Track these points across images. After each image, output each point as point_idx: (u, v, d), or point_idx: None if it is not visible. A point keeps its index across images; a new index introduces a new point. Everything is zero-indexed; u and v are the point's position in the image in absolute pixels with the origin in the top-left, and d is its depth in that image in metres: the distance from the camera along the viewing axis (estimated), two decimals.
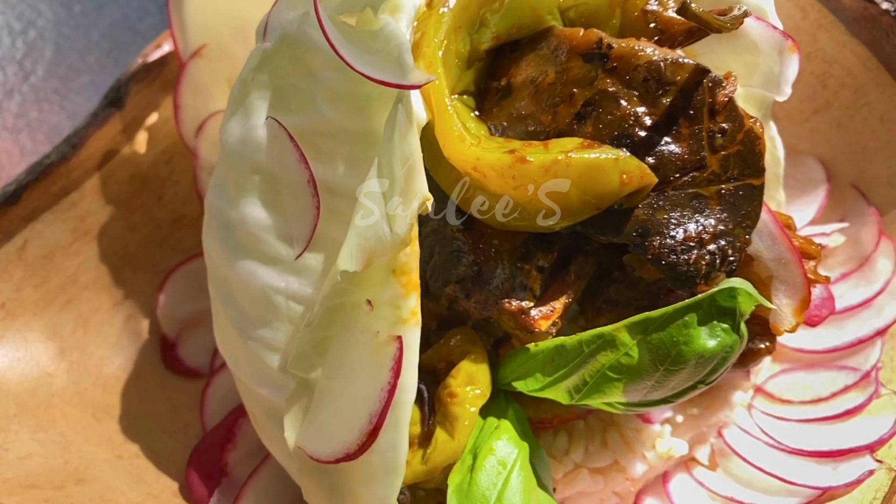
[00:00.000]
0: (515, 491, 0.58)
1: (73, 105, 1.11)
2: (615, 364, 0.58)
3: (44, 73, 1.10)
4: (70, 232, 0.84)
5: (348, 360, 0.59)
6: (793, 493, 0.73)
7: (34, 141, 1.08)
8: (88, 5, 1.17)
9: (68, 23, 1.16)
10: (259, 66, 0.64)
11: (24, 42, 1.10)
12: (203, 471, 0.72)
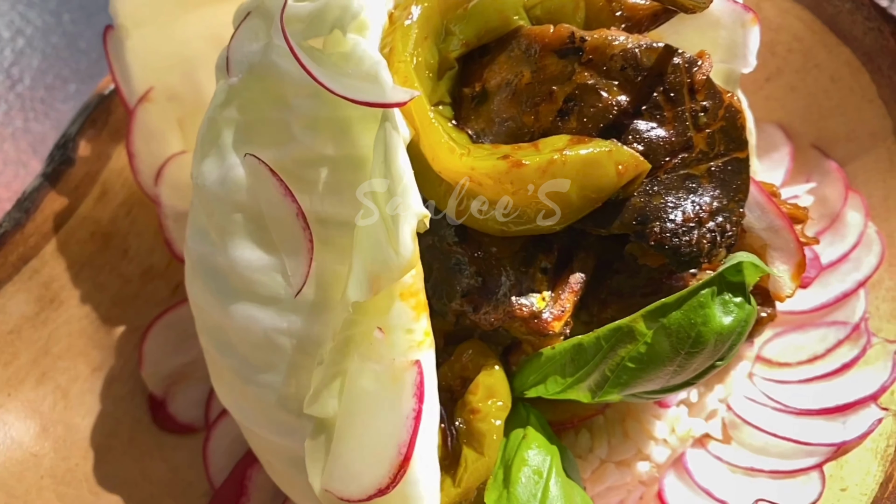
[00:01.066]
0: (556, 499, 0.57)
1: (59, 114, 1.08)
2: (635, 355, 0.58)
3: (31, 82, 1.08)
4: (35, 302, 0.79)
5: (366, 392, 0.57)
6: (809, 454, 0.75)
7: (18, 150, 1.04)
8: (77, 14, 1.17)
9: (56, 31, 1.15)
10: (226, 102, 0.61)
11: (13, 51, 1.08)
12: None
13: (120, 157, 0.86)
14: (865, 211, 0.86)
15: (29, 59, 1.10)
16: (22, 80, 1.08)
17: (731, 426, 0.79)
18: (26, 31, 1.12)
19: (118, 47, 0.81)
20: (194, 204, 0.65)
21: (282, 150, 0.59)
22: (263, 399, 0.61)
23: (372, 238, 0.53)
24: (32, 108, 1.06)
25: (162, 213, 0.81)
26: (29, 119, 1.05)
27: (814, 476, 0.73)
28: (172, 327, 0.83)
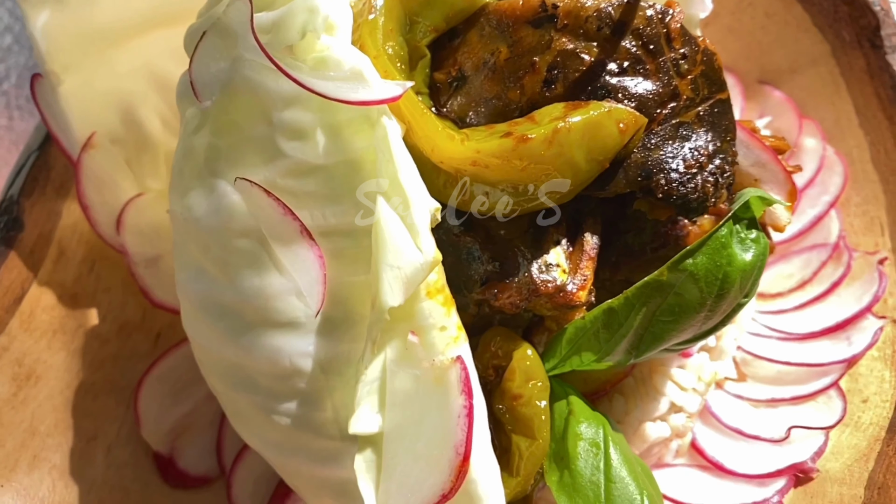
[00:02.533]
0: (619, 465, 0.57)
1: None
2: (666, 307, 0.58)
3: (17, 80, 1.01)
4: (10, 381, 0.73)
5: (411, 400, 0.55)
6: (823, 374, 0.77)
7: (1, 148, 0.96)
8: None
9: None
10: (200, 127, 0.58)
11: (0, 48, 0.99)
12: None
13: (71, 212, 0.80)
14: (821, 135, 0.89)
15: (17, 56, 1.02)
16: (8, 77, 1.00)
17: (743, 364, 0.80)
18: (15, 28, 1.05)
19: (49, 96, 0.76)
20: (180, 243, 0.61)
21: (271, 167, 0.56)
22: (298, 430, 0.58)
23: (393, 239, 0.51)
24: (18, 107, 0.99)
25: (131, 261, 0.76)
26: (14, 118, 0.98)
27: (833, 394, 0.75)
28: (164, 379, 0.78)
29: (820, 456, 0.70)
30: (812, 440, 0.71)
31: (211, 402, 0.79)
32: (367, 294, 0.56)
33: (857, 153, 0.88)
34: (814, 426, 0.71)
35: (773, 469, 0.69)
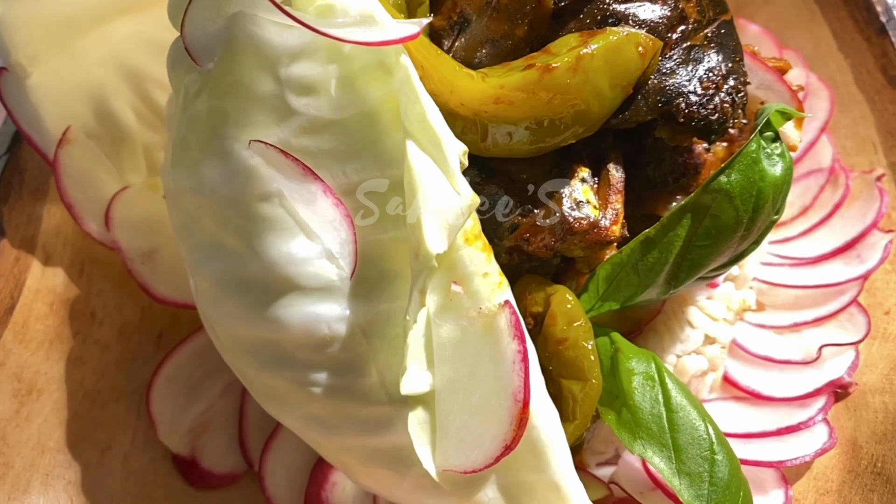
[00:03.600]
0: (678, 395, 0.56)
1: None
2: (703, 231, 0.57)
3: None
4: (11, 398, 0.68)
5: (460, 352, 0.53)
6: (840, 293, 0.77)
7: None
8: None
9: None
10: (200, 93, 0.54)
11: None
12: None
13: (52, 214, 0.75)
14: (803, 64, 0.89)
15: None
16: None
17: (760, 294, 0.80)
18: None
19: (17, 91, 0.71)
20: (188, 223, 0.57)
21: (284, 127, 0.53)
22: (343, 401, 0.55)
23: (430, 183, 0.48)
24: None
25: (125, 257, 0.72)
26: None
27: (854, 311, 0.76)
28: (174, 379, 0.74)
29: (855, 370, 0.70)
30: (843, 357, 0.71)
31: (227, 397, 0.75)
32: (399, 250, 0.54)
33: (839, 77, 0.89)
34: (843, 343, 0.72)
35: (811, 389, 0.69)
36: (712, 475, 0.53)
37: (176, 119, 0.57)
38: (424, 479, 0.56)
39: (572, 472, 0.54)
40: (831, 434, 0.65)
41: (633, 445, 0.55)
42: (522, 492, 0.55)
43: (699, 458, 0.54)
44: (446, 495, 0.56)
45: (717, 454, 0.54)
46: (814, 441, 0.65)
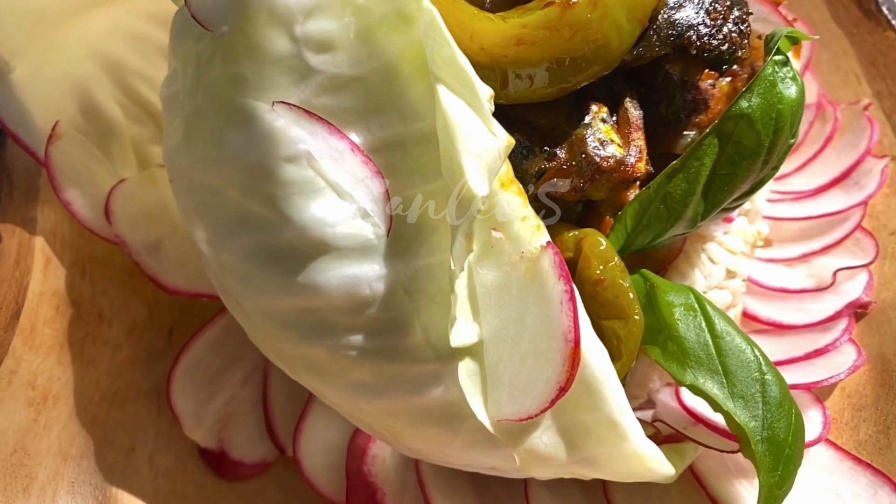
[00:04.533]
0: (720, 321, 0.56)
1: None
2: (726, 159, 0.57)
3: None
4: (26, 407, 0.65)
5: (505, 299, 0.52)
6: (843, 220, 0.79)
7: None
8: None
9: None
10: (213, 58, 0.52)
11: None
12: None
13: (46, 216, 0.72)
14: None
15: None
16: None
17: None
18: None
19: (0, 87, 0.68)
20: (209, 199, 0.55)
21: (304, 87, 0.52)
22: (389, 363, 0.54)
23: (466, 126, 0.48)
24: None
25: (131, 251, 0.69)
26: None
27: (859, 236, 0.77)
28: (192, 373, 0.72)
29: (871, 290, 0.71)
30: (858, 279, 0.73)
31: (248, 385, 0.74)
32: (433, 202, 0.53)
33: (816, 14, 0.91)
34: (855, 265, 0.73)
35: (831, 313, 0.70)
36: (764, 395, 0.54)
37: (187, 92, 0.55)
38: (477, 434, 0.55)
39: (629, 409, 0.53)
40: (859, 352, 0.66)
41: (684, 375, 0.55)
42: (579, 434, 0.54)
43: (749, 380, 0.54)
44: (501, 447, 0.55)
45: (766, 374, 0.54)
46: (844, 361, 0.66)
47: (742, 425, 0.53)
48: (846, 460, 0.61)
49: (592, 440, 0.54)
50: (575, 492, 0.64)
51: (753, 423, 0.53)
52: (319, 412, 0.69)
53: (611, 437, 0.54)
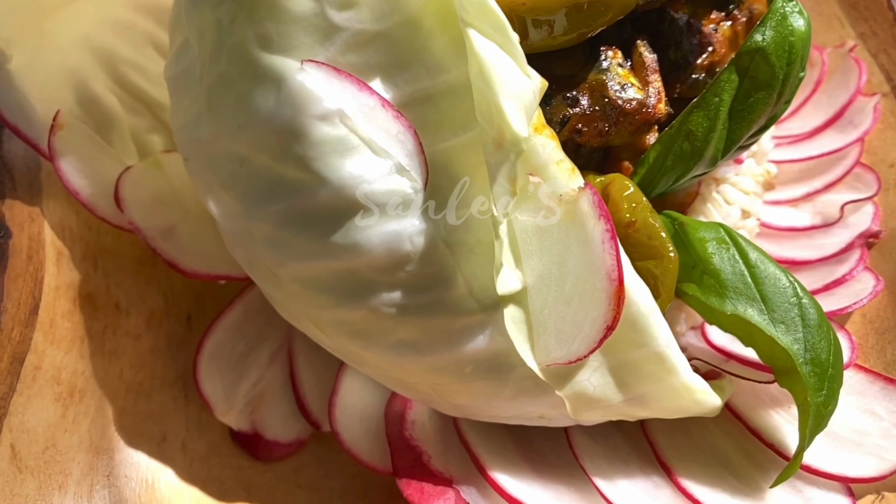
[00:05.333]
0: (752, 251, 0.57)
1: None
2: (742, 93, 0.58)
3: None
4: (54, 403, 0.63)
5: (546, 243, 0.52)
6: (842, 157, 0.80)
7: None
8: None
9: None
10: (235, 20, 0.51)
11: None
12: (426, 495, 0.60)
13: (52, 210, 0.70)
14: None
15: None
16: None
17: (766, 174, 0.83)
18: None
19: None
20: (237, 169, 0.54)
21: (329, 46, 0.51)
22: (434, 317, 0.54)
23: (502, 68, 0.48)
24: None
25: (147, 237, 0.68)
26: None
27: (859, 171, 0.79)
28: (217, 357, 0.71)
29: (879, 220, 0.73)
30: (864, 211, 0.75)
31: (275, 365, 0.73)
32: (465, 154, 0.52)
33: None
34: (860, 198, 0.75)
35: (843, 245, 0.72)
36: (803, 318, 0.55)
37: (207, 61, 0.54)
38: (526, 381, 0.56)
39: (675, 342, 0.54)
40: (877, 278, 0.68)
41: (724, 306, 0.56)
42: (626, 372, 0.55)
43: (787, 305, 0.55)
44: (550, 393, 0.55)
45: (802, 299, 0.55)
46: (863, 288, 0.68)
47: (786, 348, 0.54)
48: (877, 381, 0.63)
49: (641, 377, 0.55)
50: (616, 437, 0.64)
51: (796, 346, 0.54)
52: (351, 384, 0.69)
53: (659, 373, 0.55)
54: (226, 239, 0.63)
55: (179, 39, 0.62)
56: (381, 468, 0.65)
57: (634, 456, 0.63)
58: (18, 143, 0.71)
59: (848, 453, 0.58)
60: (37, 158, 0.72)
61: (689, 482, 0.59)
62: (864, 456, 0.58)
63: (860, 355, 0.66)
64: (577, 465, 0.62)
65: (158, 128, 0.80)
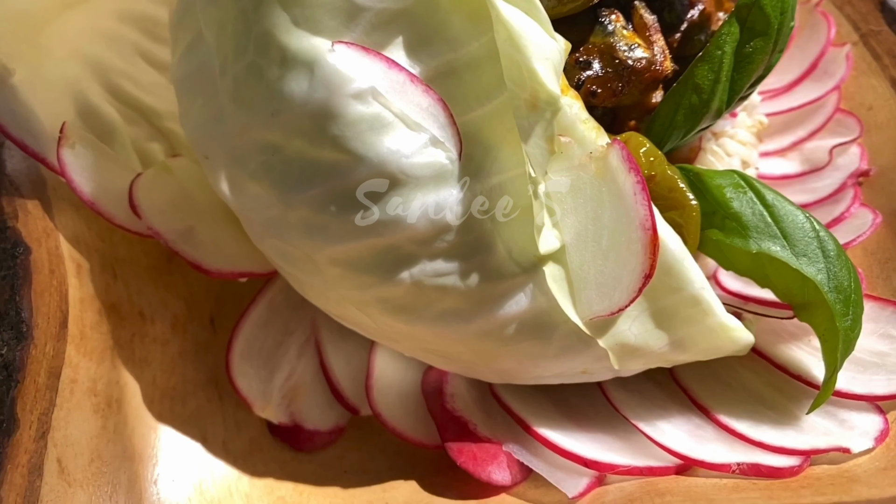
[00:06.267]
0: (767, 192, 0.60)
1: None
2: (742, 43, 0.61)
3: None
4: (93, 415, 0.63)
5: (580, 201, 0.54)
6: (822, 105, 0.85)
7: None
8: None
9: None
10: (260, 7, 0.52)
11: None
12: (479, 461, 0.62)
13: (65, 224, 0.69)
14: None
15: None
16: None
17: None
18: None
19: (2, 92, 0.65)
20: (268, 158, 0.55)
21: (353, 27, 0.52)
22: (479, 284, 0.55)
23: (530, 32, 0.49)
24: None
25: (167, 240, 0.68)
26: None
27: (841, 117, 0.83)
28: (248, 355, 0.71)
29: (866, 159, 0.77)
30: (851, 153, 0.79)
31: (304, 357, 0.73)
32: (493, 122, 0.54)
33: None
34: (845, 141, 0.79)
35: (836, 185, 0.76)
36: (823, 250, 0.58)
37: (230, 54, 0.55)
38: (570, 337, 0.57)
39: (708, 284, 0.57)
40: (874, 212, 0.72)
41: (749, 245, 0.58)
42: (665, 318, 0.57)
43: (807, 238, 0.58)
44: (594, 346, 0.57)
45: (820, 232, 0.58)
46: (863, 222, 0.71)
47: (811, 279, 0.57)
48: (887, 307, 0.66)
49: (679, 321, 0.57)
50: (650, 387, 0.67)
51: (820, 277, 0.57)
52: (384, 365, 0.70)
53: (696, 315, 0.57)
54: (253, 233, 0.63)
55: (187, 38, 0.62)
56: (428, 442, 0.66)
57: (671, 402, 0.65)
58: (21, 161, 0.70)
59: (872, 374, 0.62)
60: (41, 175, 0.71)
61: (729, 419, 0.62)
62: (888, 375, 0.61)
63: (868, 285, 0.69)
64: (618, 417, 0.64)
65: (157, 136, 0.80)
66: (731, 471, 0.57)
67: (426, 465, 0.67)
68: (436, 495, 0.63)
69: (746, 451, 0.59)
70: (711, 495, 0.53)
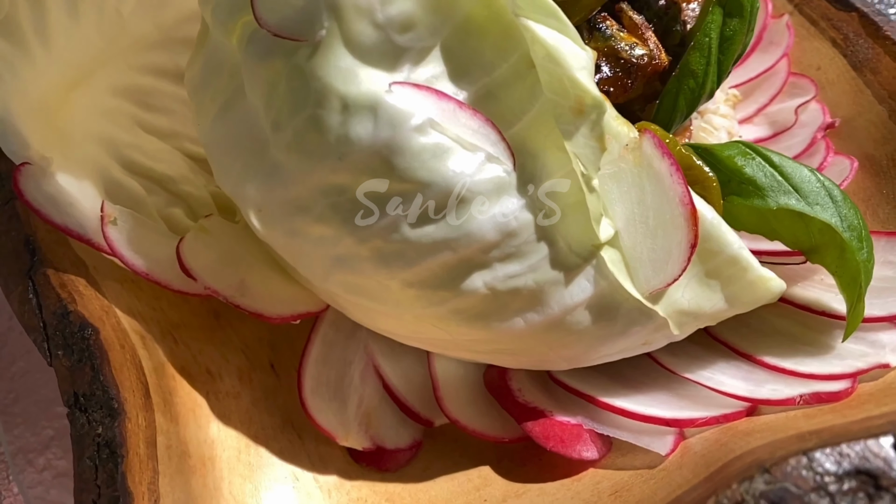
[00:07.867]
0: (772, 154, 0.67)
1: None
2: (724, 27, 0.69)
3: None
4: (192, 475, 0.64)
5: (624, 188, 0.60)
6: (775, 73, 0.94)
7: None
8: None
9: None
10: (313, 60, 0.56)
11: None
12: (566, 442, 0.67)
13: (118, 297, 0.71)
14: None
15: None
16: None
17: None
18: None
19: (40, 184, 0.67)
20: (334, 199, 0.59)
21: (400, 67, 0.57)
22: (547, 277, 0.60)
23: (565, 48, 0.55)
24: None
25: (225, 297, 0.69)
26: None
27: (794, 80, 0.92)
28: (317, 391, 0.73)
29: (828, 113, 0.86)
30: (812, 110, 0.88)
31: (366, 382, 0.76)
32: (531, 132, 0.59)
33: None
34: (806, 99, 0.88)
35: (807, 142, 0.85)
36: (832, 196, 0.65)
37: (285, 110, 0.58)
38: (633, 312, 0.63)
39: (742, 242, 0.63)
40: (849, 158, 0.81)
41: (768, 202, 0.65)
42: (710, 280, 0.64)
43: (815, 189, 0.66)
44: (654, 317, 0.63)
45: (824, 181, 0.66)
46: (842, 169, 0.80)
47: (827, 222, 0.64)
48: (880, 238, 0.75)
49: (723, 280, 0.64)
50: (693, 348, 0.73)
51: (834, 220, 0.65)
52: (445, 374, 0.74)
53: (737, 272, 0.64)
54: (314, 274, 0.66)
55: (219, 101, 0.65)
56: (510, 437, 0.71)
57: (716, 357, 0.72)
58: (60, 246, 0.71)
59: (886, 297, 0.70)
60: (79, 257, 0.72)
61: (775, 360, 0.69)
62: None
63: None
64: (675, 379, 0.70)
65: (175, 201, 0.82)
66: (797, 403, 0.64)
67: (510, 458, 0.71)
68: (529, 482, 0.67)
69: (801, 384, 0.66)
70: (791, 425, 0.59)
